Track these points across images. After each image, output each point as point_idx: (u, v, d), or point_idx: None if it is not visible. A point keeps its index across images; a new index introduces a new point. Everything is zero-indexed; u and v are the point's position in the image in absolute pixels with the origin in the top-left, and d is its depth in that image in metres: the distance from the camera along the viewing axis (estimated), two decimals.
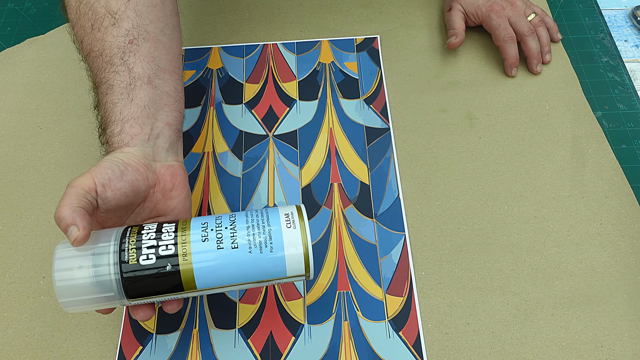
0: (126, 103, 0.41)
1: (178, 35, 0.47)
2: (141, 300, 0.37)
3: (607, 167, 0.54)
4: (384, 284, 0.48)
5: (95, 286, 0.35)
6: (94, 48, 0.43)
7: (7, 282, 0.49)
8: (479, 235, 0.50)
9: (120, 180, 0.38)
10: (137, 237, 0.36)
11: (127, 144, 0.40)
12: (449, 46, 0.61)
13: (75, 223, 0.34)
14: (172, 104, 0.44)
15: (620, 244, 0.50)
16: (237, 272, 0.36)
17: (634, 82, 0.61)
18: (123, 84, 0.42)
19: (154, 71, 0.43)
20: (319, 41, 0.64)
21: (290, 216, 0.37)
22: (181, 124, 0.45)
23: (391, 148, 0.55)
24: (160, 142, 0.42)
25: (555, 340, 0.45)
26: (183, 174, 0.43)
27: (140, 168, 0.40)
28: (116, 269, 0.35)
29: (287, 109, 0.58)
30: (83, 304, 0.36)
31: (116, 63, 0.42)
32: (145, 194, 0.40)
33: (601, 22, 0.66)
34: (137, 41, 0.42)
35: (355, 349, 0.45)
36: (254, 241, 0.36)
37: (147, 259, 0.35)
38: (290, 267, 0.37)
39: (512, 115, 0.58)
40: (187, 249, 0.36)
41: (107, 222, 0.40)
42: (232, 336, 0.46)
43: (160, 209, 0.41)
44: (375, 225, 0.51)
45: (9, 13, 0.68)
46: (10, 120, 0.58)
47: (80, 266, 0.35)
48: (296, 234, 0.36)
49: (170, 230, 0.36)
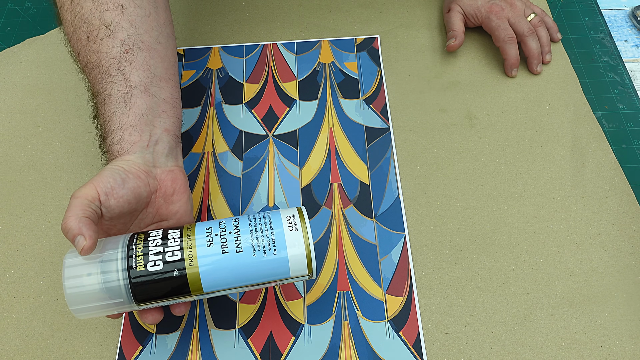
0: (124, 111, 0.42)
1: (173, 43, 0.48)
2: (150, 304, 0.38)
3: (607, 167, 0.54)
4: (384, 284, 0.48)
5: (104, 292, 0.36)
6: (90, 60, 0.44)
7: (7, 282, 0.49)
8: (479, 235, 0.50)
9: (123, 188, 0.39)
10: (143, 244, 0.37)
11: (127, 152, 0.41)
12: (448, 49, 0.61)
13: (81, 233, 0.35)
14: (169, 110, 0.44)
15: (620, 244, 0.50)
16: (242, 275, 0.37)
17: (634, 82, 0.61)
18: (120, 93, 0.42)
19: (150, 79, 0.43)
20: (319, 41, 0.64)
21: (292, 219, 0.38)
22: (179, 130, 0.46)
23: (391, 148, 0.55)
24: (160, 148, 0.43)
25: (555, 340, 0.45)
26: (183, 178, 0.44)
27: (141, 175, 0.40)
28: (125, 275, 0.36)
29: (287, 109, 0.58)
30: (94, 310, 0.37)
31: (113, 73, 0.43)
32: (148, 200, 0.41)
33: (601, 22, 0.66)
34: (132, 51, 0.43)
35: (355, 349, 0.45)
36: (257, 244, 0.37)
37: (154, 265, 0.36)
38: (293, 267, 0.38)
39: (512, 115, 0.58)
40: (193, 253, 0.37)
41: (112, 230, 0.40)
42: (232, 336, 0.46)
43: (162, 214, 0.42)
44: (375, 225, 0.51)
45: (9, 13, 0.68)
46: (10, 120, 0.58)
47: (90, 273, 0.36)
48: (298, 236, 0.37)
49: (175, 237, 0.37)
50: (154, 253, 0.37)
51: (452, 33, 0.61)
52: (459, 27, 0.61)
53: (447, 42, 0.61)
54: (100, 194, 0.38)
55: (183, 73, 0.61)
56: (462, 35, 0.61)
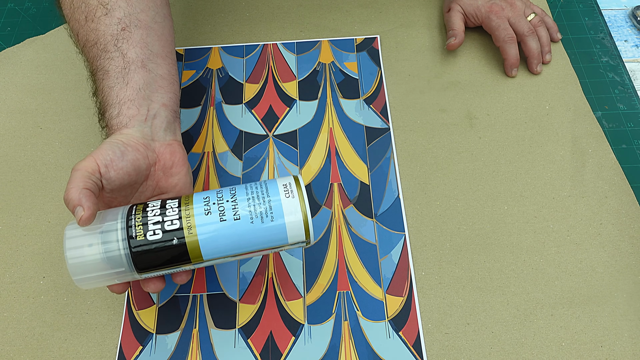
0: (122, 86, 0.43)
1: (169, 23, 0.49)
2: (151, 273, 0.38)
3: (607, 167, 0.54)
4: (384, 284, 0.48)
5: (106, 262, 0.36)
6: (89, 38, 0.45)
7: (7, 282, 0.49)
8: (479, 235, 0.50)
9: (122, 160, 0.40)
10: (142, 214, 0.38)
11: (126, 126, 0.42)
12: (448, 47, 0.61)
13: (81, 204, 0.36)
14: (166, 86, 0.45)
15: (620, 244, 0.50)
16: (240, 242, 0.38)
17: (634, 82, 0.61)
18: (118, 69, 0.43)
19: (147, 56, 0.45)
20: (319, 41, 0.64)
21: (288, 186, 0.39)
22: (177, 105, 0.47)
23: (391, 148, 0.55)
24: (158, 122, 0.44)
25: (555, 340, 0.45)
26: (182, 151, 0.45)
27: (139, 148, 0.41)
28: (125, 245, 0.36)
29: (287, 109, 0.58)
30: (96, 280, 0.37)
31: (110, 50, 0.44)
32: (147, 173, 0.42)
33: (601, 22, 0.66)
34: (129, 28, 0.44)
35: (355, 349, 0.45)
36: (255, 212, 0.38)
37: (153, 234, 0.37)
38: (291, 233, 0.38)
39: (512, 115, 0.58)
40: (192, 222, 0.37)
41: (113, 202, 0.41)
42: (232, 336, 0.46)
43: (162, 187, 0.43)
44: (375, 225, 0.51)
45: (9, 13, 0.68)
46: (10, 120, 0.58)
47: (90, 244, 0.36)
48: (295, 203, 0.38)
49: (174, 206, 0.38)
50: (153, 222, 0.37)
51: (452, 32, 0.61)
52: (459, 27, 0.61)
53: (447, 41, 0.61)
54: (100, 166, 0.39)
55: (183, 73, 0.61)
56: (462, 34, 0.61)
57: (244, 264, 0.49)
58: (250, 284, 0.48)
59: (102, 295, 0.48)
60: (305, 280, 0.48)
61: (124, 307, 0.47)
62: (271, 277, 0.48)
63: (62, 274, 0.49)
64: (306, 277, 0.48)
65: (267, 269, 0.49)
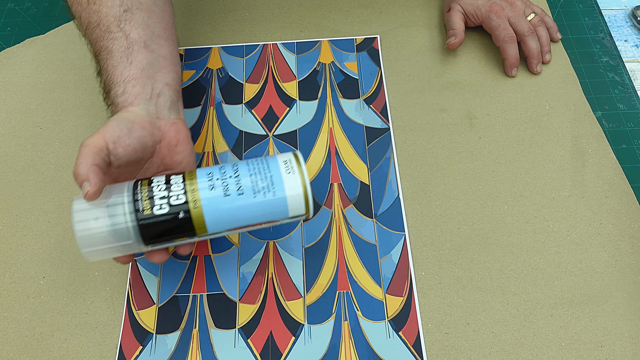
0: (126, 65, 0.44)
1: (170, 8, 0.51)
2: (156, 245, 0.40)
3: (607, 167, 0.54)
4: (384, 284, 0.48)
5: (113, 235, 0.38)
6: (91, 20, 0.46)
7: (7, 282, 0.49)
8: (479, 235, 0.50)
9: (129, 137, 0.41)
10: (148, 189, 0.39)
11: (132, 104, 0.43)
12: (449, 46, 0.61)
13: (88, 179, 0.37)
14: (169, 66, 0.46)
15: (620, 244, 0.50)
16: (244, 215, 0.39)
17: (634, 82, 0.61)
18: (122, 49, 0.44)
19: (149, 37, 0.46)
20: (319, 41, 0.64)
21: (288, 162, 0.40)
22: (179, 85, 0.48)
23: (391, 148, 0.55)
24: (162, 101, 0.45)
25: (555, 340, 0.45)
26: (186, 130, 0.46)
27: (145, 125, 0.42)
28: (132, 217, 0.38)
29: (287, 109, 0.58)
30: (104, 252, 0.38)
31: (113, 30, 0.45)
32: (153, 149, 0.43)
33: (601, 22, 0.66)
34: (131, 10, 0.46)
35: (355, 349, 0.45)
36: (257, 186, 0.39)
37: (160, 208, 0.38)
38: (291, 207, 0.40)
39: (512, 115, 0.58)
40: (197, 196, 0.39)
41: (120, 178, 0.42)
42: (232, 336, 0.46)
43: (167, 164, 0.44)
44: (375, 225, 0.51)
45: (9, 13, 0.68)
46: (10, 120, 0.58)
47: (97, 217, 0.38)
48: (295, 178, 0.39)
49: (178, 182, 0.39)
50: (159, 197, 0.38)
51: (452, 31, 0.61)
52: (459, 26, 0.61)
53: (447, 40, 0.61)
54: (108, 142, 0.40)
55: (183, 73, 0.61)
56: (462, 34, 0.61)
57: (244, 264, 0.49)
58: (250, 284, 0.48)
59: (102, 296, 0.48)
60: (305, 280, 0.48)
61: (124, 307, 0.47)
62: (271, 277, 0.48)
63: (62, 274, 0.49)
64: (306, 277, 0.48)
65: (267, 269, 0.49)
